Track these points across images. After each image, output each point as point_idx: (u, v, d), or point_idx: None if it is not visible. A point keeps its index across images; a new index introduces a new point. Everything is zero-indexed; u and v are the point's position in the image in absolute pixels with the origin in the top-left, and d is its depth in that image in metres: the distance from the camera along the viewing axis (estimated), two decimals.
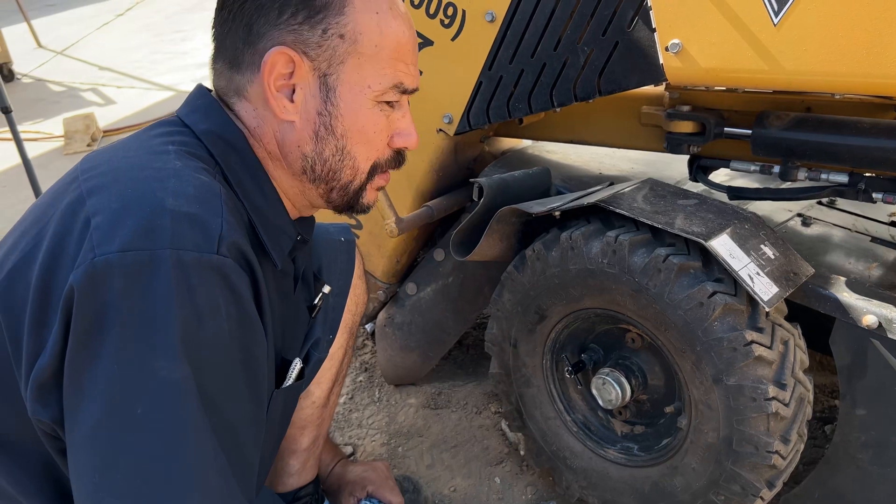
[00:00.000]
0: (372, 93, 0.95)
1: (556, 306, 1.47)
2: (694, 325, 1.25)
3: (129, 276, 0.76)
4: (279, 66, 0.91)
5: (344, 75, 0.93)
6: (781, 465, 1.26)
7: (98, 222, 0.79)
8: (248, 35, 0.92)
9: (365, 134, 0.97)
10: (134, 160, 0.88)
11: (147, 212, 0.79)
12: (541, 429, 1.61)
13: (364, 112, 0.96)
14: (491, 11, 1.55)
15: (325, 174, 0.99)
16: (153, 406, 0.76)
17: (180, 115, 0.97)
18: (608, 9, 1.41)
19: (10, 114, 3.04)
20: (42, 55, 6.82)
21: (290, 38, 0.91)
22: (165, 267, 0.77)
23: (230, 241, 0.82)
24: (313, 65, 0.92)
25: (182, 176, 0.85)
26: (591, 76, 1.47)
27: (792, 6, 1.15)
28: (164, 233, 0.78)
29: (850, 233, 1.53)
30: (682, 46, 1.27)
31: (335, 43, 0.92)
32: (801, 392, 1.27)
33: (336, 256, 1.41)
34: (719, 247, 1.22)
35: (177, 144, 0.91)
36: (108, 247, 0.77)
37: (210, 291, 0.80)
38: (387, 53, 0.95)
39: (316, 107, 0.94)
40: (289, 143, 0.96)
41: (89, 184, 0.85)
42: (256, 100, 0.95)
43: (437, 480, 1.77)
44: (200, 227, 0.80)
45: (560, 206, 1.40)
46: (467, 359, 2.20)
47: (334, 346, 1.41)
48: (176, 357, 0.77)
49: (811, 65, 1.17)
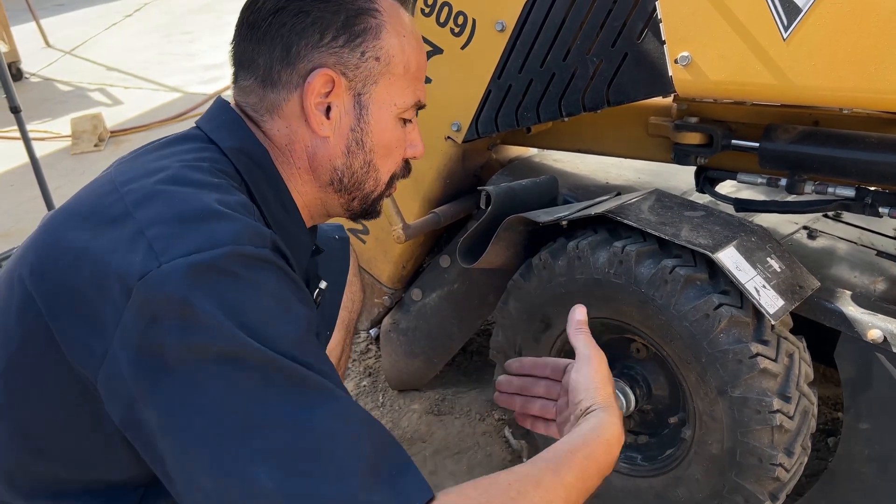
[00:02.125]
0: (397, 110, 1.02)
1: (562, 315, 1.47)
2: (699, 337, 1.25)
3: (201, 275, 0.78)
4: (319, 86, 0.96)
5: (375, 94, 1.00)
6: (785, 478, 1.26)
7: (153, 234, 0.81)
8: (286, 55, 0.97)
9: (389, 148, 1.04)
10: (174, 175, 0.91)
11: (201, 217, 0.83)
12: (544, 437, 1.61)
13: (389, 128, 1.03)
14: (501, 21, 1.56)
15: (352, 185, 1.05)
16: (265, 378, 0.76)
17: (206, 131, 1.01)
18: (618, 20, 1.42)
19: (19, 113, 3.06)
20: (50, 55, 6.85)
21: (332, 60, 0.96)
22: (230, 262, 0.80)
23: (275, 241, 0.88)
24: (350, 84, 0.98)
25: (223, 190, 0.90)
26: (599, 87, 1.48)
27: (801, 21, 1.16)
28: (221, 233, 0.82)
29: (855, 246, 1.53)
30: (691, 59, 1.28)
31: (371, 65, 0.98)
32: (806, 405, 1.28)
33: (331, 254, 1.44)
34: (726, 259, 1.22)
35: (208, 161, 0.95)
36: (171, 254, 0.79)
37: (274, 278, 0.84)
38: (411, 74, 1.03)
39: (349, 123, 1.00)
40: (321, 156, 1.02)
41: (132, 196, 0.87)
42: (291, 116, 1.00)
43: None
44: (251, 228, 0.85)
45: (567, 216, 1.40)
46: (471, 365, 2.21)
47: (331, 343, 1.43)
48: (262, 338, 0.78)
49: (820, 79, 1.18)
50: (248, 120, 1.02)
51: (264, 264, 0.84)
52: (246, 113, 1.02)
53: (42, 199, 3.27)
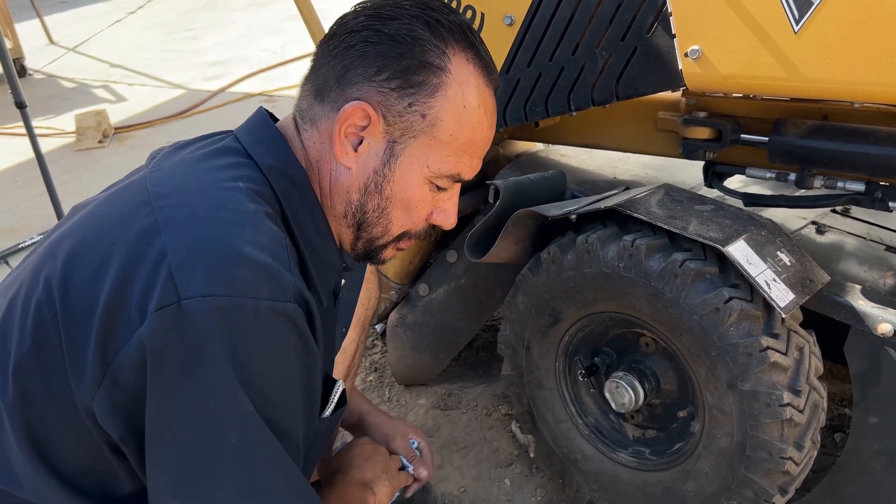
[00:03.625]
0: (428, 172, 0.99)
1: (571, 309, 1.48)
2: (709, 331, 1.25)
3: (214, 322, 0.81)
4: (355, 117, 0.95)
5: (410, 148, 0.97)
6: (795, 472, 1.26)
7: (177, 263, 0.83)
8: (342, 76, 0.96)
9: (407, 205, 1.01)
10: (209, 196, 0.91)
11: (226, 258, 0.84)
12: (552, 431, 1.62)
13: (414, 186, 1.00)
14: (510, 15, 1.56)
15: (360, 223, 1.03)
16: (243, 438, 0.84)
17: (244, 145, 1.00)
18: (627, 14, 1.42)
19: (24, 109, 3.06)
20: (54, 51, 6.86)
21: (377, 98, 0.94)
22: (245, 314, 0.82)
23: (297, 289, 0.88)
24: (387, 129, 0.96)
25: (256, 223, 0.89)
26: (608, 81, 1.48)
27: (813, 14, 1.16)
28: (243, 281, 0.83)
29: (864, 241, 1.53)
30: (701, 53, 1.28)
31: (415, 119, 0.95)
32: (816, 399, 1.28)
33: None
34: (736, 252, 1.22)
35: (245, 181, 0.94)
36: (191, 290, 0.81)
37: (283, 336, 0.86)
38: (457, 146, 0.98)
39: (374, 165, 0.98)
40: (339, 184, 1.00)
41: (164, 213, 0.88)
42: (325, 134, 0.99)
43: (446, 481, 1.78)
44: (275, 278, 0.86)
45: (576, 210, 1.40)
46: (478, 360, 2.21)
47: (347, 340, 1.43)
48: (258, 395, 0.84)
49: (831, 73, 1.17)
50: (293, 125, 1.02)
51: (279, 318, 0.85)
52: (295, 120, 1.02)
53: (47, 195, 3.27)
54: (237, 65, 5.81)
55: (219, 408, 0.82)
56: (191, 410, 0.83)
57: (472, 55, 0.97)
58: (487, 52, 1.01)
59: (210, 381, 0.82)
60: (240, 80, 5.44)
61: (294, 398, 0.90)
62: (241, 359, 0.83)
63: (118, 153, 4.34)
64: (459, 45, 0.96)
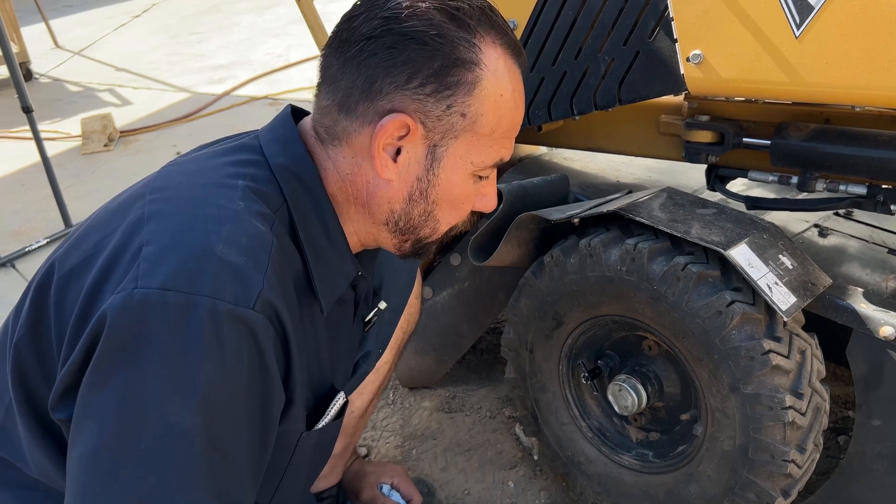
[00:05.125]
0: (473, 168, 0.96)
1: (574, 313, 1.49)
2: (712, 334, 1.26)
3: (164, 316, 0.78)
4: (393, 129, 0.91)
5: (452, 149, 0.94)
6: (797, 474, 1.27)
7: (148, 252, 0.81)
8: (369, 87, 0.90)
9: (454, 203, 0.99)
10: (201, 192, 0.89)
11: (196, 253, 0.81)
12: (556, 434, 1.62)
13: (459, 185, 0.97)
14: (513, 20, 1.56)
15: (407, 229, 1.00)
16: (156, 446, 0.78)
17: (262, 143, 0.98)
18: (630, 19, 1.42)
19: (31, 113, 3.08)
20: (60, 55, 6.88)
21: (413, 107, 0.90)
22: (200, 314, 0.78)
23: (266, 299, 0.83)
24: (427, 134, 0.92)
25: (240, 221, 0.86)
26: (611, 85, 1.49)
27: (814, 19, 1.16)
28: (206, 279, 0.79)
29: (867, 244, 1.53)
30: (703, 57, 1.28)
31: (455, 119, 0.92)
32: (818, 402, 1.28)
33: (398, 274, 1.42)
34: (738, 256, 1.23)
35: (248, 179, 0.92)
36: (151, 280, 0.79)
37: (238, 344, 0.81)
38: (498, 135, 0.96)
39: (417, 173, 0.95)
40: (379, 197, 0.97)
41: (153, 207, 0.87)
42: (359, 149, 0.94)
43: (450, 483, 1.79)
44: (243, 280, 0.82)
45: (579, 214, 1.41)
46: (481, 363, 2.21)
47: (380, 362, 1.42)
48: (190, 406, 0.79)
49: (832, 77, 1.18)
50: (315, 140, 0.98)
51: (237, 326, 0.80)
52: (318, 134, 0.98)
53: (53, 199, 3.29)
54: (241, 68, 5.83)
55: (140, 407, 0.78)
56: (112, 400, 0.78)
57: (499, 39, 0.93)
58: (511, 29, 0.96)
59: (140, 375, 0.78)
60: (244, 84, 5.46)
61: (239, 415, 0.84)
62: (182, 360, 0.78)
63: (124, 157, 4.36)
64: (486, 32, 0.91)
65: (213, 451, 0.81)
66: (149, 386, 0.78)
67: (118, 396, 0.78)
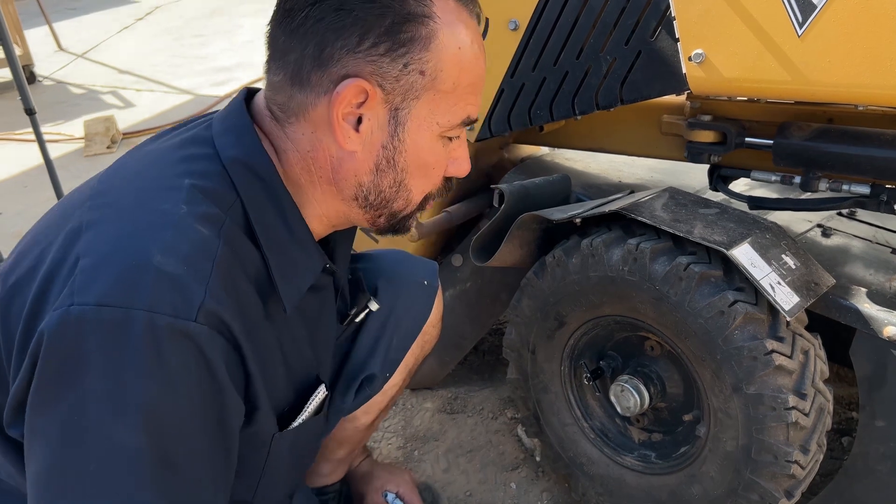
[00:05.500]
0: (440, 129, 0.92)
1: (576, 313, 1.48)
2: (714, 334, 1.25)
3: (101, 334, 0.75)
4: (351, 96, 0.86)
5: (415, 110, 0.90)
6: (801, 475, 1.26)
7: (84, 265, 0.78)
8: (320, 54, 0.86)
9: (424, 168, 0.95)
10: (142, 196, 0.85)
11: (132, 265, 0.77)
12: (558, 435, 1.62)
13: (428, 148, 0.93)
14: (514, 20, 1.56)
15: (378, 203, 0.96)
16: (103, 467, 0.76)
17: (214, 133, 0.93)
18: (631, 18, 1.42)
19: (34, 115, 3.08)
20: (63, 58, 6.90)
21: (368, 69, 0.86)
22: (138, 329, 0.75)
23: (209, 309, 0.79)
24: (387, 97, 0.88)
25: (181, 227, 0.81)
26: (613, 85, 1.49)
27: (816, 18, 1.16)
28: (142, 292, 0.76)
29: (870, 244, 1.53)
30: (705, 56, 1.28)
31: (414, 79, 0.87)
32: (821, 402, 1.27)
33: (415, 299, 1.40)
34: (741, 256, 1.22)
35: (196, 176, 0.87)
36: (86, 296, 0.76)
37: (182, 358, 0.78)
38: (462, 90, 0.91)
39: (381, 140, 0.90)
40: (345, 171, 0.92)
41: (91, 214, 0.83)
42: (317, 122, 0.90)
43: (452, 485, 1.78)
44: (182, 291, 0.78)
45: (581, 214, 1.41)
46: (483, 364, 2.21)
47: (390, 384, 1.40)
48: (133, 424, 0.76)
49: (835, 76, 1.17)
50: (271, 120, 0.93)
51: (179, 339, 0.77)
52: (273, 113, 0.93)
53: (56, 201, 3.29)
54: (244, 70, 5.84)
55: (83, 429, 0.76)
56: (57, 423, 0.77)
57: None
58: None
59: (81, 397, 0.76)
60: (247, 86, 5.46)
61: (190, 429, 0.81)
62: (122, 379, 0.76)
63: None
64: None
65: (164, 468, 0.79)
66: (90, 407, 0.76)
67: (62, 419, 0.77)
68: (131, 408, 0.76)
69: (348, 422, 1.43)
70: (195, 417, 0.81)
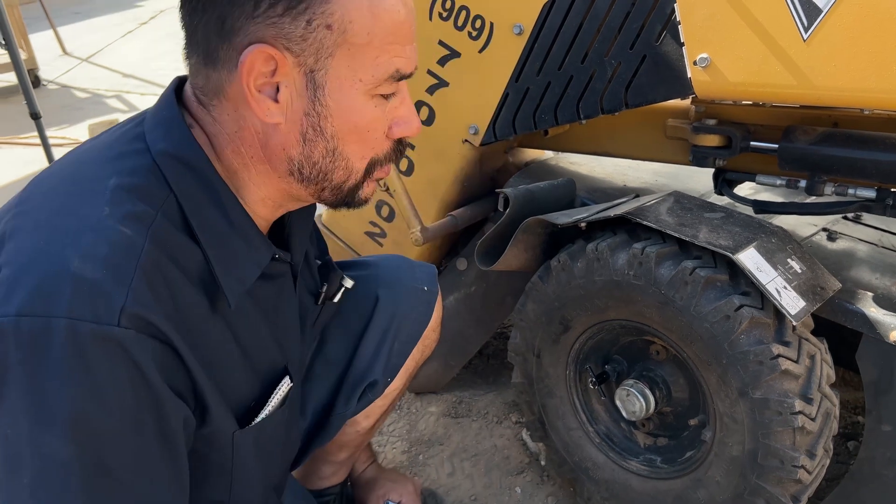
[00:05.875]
0: (364, 87, 0.85)
1: (581, 317, 1.48)
2: (720, 338, 1.25)
3: (22, 345, 0.74)
4: (259, 65, 0.82)
5: (333, 70, 0.84)
6: (807, 480, 1.26)
7: (3, 276, 0.77)
8: (221, 28, 0.82)
9: (358, 132, 0.88)
10: (64, 200, 0.83)
11: (51, 273, 0.76)
12: (563, 439, 1.62)
13: (357, 109, 0.87)
14: (519, 24, 1.56)
15: (315, 176, 0.90)
16: (37, 480, 0.76)
17: (146, 129, 0.90)
18: (636, 23, 1.42)
19: (39, 119, 3.10)
20: (67, 62, 6.92)
21: (271, 33, 0.81)
22: (60, 338, 0.74)
23: (132, 312, 0.77)
24: (298, 60, 0.83)
25: (101, 230, 0.79)
26: (617, 89, 1.49)
27: (822, 22, 1.16)
28: (61, 299, 0.74)
29: (876, 248, 1.53)
30: (710, 61, 1.28)
31: (321, 35, 0.81)
32: (828, 407, 1.27)
33: (415, 305, 1.40)
34: (746, 260, 1.22)
35: (123, 175, 0.84)
36: (6, 307, 0.74)
37: (108, 365, 0.76)
38: (380, 40, 0.84)
39: (303, 107, 0.85)
40: (273, 145, 0.88)
41: (14, 223, 0.82)
42: (236, 99, 0.86)
43: (457, 489, 1.78)
44: (102, 296, 0.76)
45: (586, 218, 1.41)
46: (488, 368, 2.21)
47: (391, 388, 1.41)
48: (62, 435, 0.75)
49: (840, 80, 1.17)
50: (198, 106, 0.89)
51: (104, 345, 0.75)
52: (198, 98, 0.89)
53: None
54: None
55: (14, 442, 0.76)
56: None
57: None
58: None
59: (10, 410, 0.75)
60: None
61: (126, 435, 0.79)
62: (45, 391, 0.74)
63: None
64: None
65: (99, 476, 0.78)
66: (16, 419, 0.75)
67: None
68: (58, 418, 0.75)
69: (349, 425, 1.43)
70: (129, 422, 0.79)
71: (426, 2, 1.67)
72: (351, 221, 2.03)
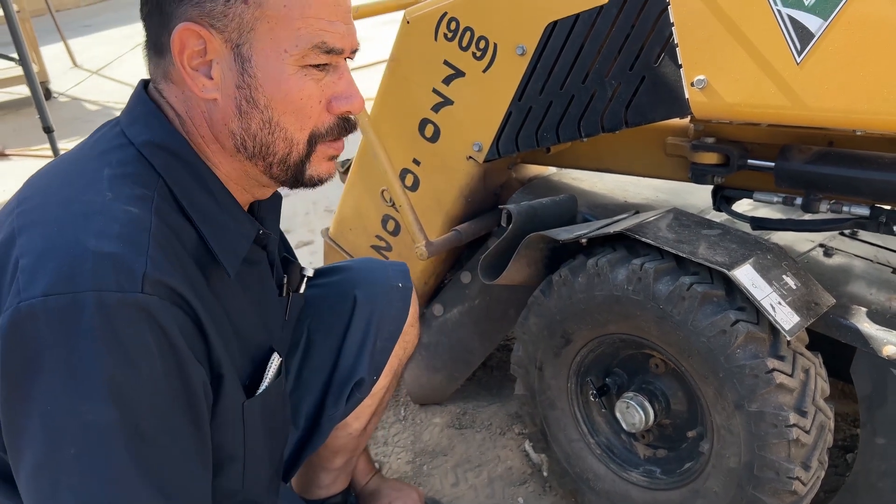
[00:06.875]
0: (290, 57, 0.90)
1: (582, 331, 1.51)
2: (717, 352, 1.28)
3: (53, 322, 0.78)
4: (190, 44, 0.88)
5: (256, 43, 0.89)
6: (802, 491, 1.28)
7: (24, 265, 0.81)
8: (160, 17, 0.90)
9: (291, 103, 0.92)
10: (67, 192, 0.88)
11: (69, 254, 0.80)
12: (564, 451, 1.64)
13: (286, 79, 0.91)
14: (522, 45, 1.60)
15: (258, 149, 0.95)
16: (83, 449, 0.79)
17: (122, 126, 0.95)
18: (635, 45, 1.46)
19: (51, 133, 3.15)
20: (78, 74, 7.00)
21: (196, 13, 0.88)
22: (89, 310, 0.78)
23: (154, 278, 0.81)
24: (224, 37, 0.89)
25: (109, 211, 0.84)
26: (618, 108, 1.52)
27: (814, 46, 1.19)
28: (85, 275, 0.78)
29: (871, 264, 1.55)
30: (707, 82, 1.32)
31: (240, 10, 0.87)
32: (822, 419, 1.30)
33: (391, 302, 1.44)
34: (742, 276, 1.25)
35: (114, 165, 0.90)
36: (32, 291, 0.78)
37: (136, 331, 0.80)
38: (298, 12, 0.89)
39: (234, 80, 0.90)
40: (216, 121, 0.93)
41: (22, 219, 0.87)
42: (179, 81, 0.93)
43: (460, 499, 1.81)
44: (123, 267, 0.80)
45: (587, 234, 1.44)
46: (492, 380, 2.24)
47: (377, 387, 1.45)
48: (102, 400, 0.79)
49: (833, 102, 1.21)
50: (158, 97, 0.96)
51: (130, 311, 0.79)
52: (158, 90, 0.96)
53: None
54: None
55: (57, 417, 0.79)
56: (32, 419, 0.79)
57: None
58: None
59: (47, 387, 0.79)
60: None
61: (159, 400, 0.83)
62: (81, 362, 0.78)
63: None
64: None
65: (139, 441, 0.81)
66: (58, 394, 0.79)
67: (35, 413, 0.79)
68: (97, 386, 0.79)
69: (341, 429, 1.46)
70: (162, 387, 0.83)
71: (432, 23, 1.72)
72: (357, 235, 2.07)
